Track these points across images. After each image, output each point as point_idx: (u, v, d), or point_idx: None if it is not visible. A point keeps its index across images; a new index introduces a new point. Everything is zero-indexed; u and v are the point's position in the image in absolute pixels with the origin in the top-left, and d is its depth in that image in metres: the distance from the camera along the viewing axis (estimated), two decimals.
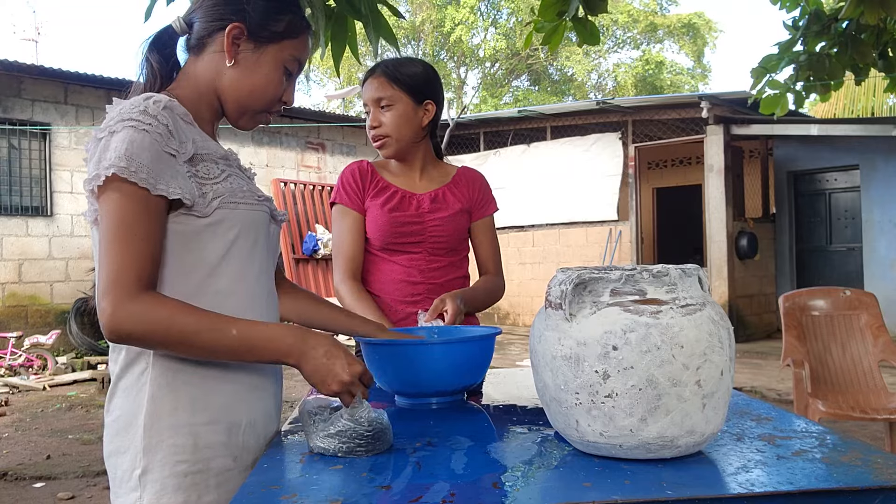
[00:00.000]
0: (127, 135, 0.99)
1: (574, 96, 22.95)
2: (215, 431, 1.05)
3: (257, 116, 1.19)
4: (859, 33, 3.73)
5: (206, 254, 1.07)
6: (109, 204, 0.98)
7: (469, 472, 0.92)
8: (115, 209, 0.98)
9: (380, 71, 1.76)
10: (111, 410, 1.07)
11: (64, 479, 3.94)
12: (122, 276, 0.95)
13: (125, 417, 1.04)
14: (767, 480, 0.82)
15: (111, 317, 0.94)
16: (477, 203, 1.88)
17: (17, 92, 8.29)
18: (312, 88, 25.55)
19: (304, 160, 11.06)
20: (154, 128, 1.01)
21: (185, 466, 1.02)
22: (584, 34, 3.13)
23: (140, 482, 1.01)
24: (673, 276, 0.92)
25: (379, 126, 1.76)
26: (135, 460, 1.02)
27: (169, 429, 1.02)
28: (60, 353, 8.24)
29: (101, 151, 1.00)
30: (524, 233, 10.87)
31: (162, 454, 1.02)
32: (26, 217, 8.40)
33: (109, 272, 0.96)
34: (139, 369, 1.04)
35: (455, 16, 21.45)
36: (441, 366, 1.30)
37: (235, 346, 1.00)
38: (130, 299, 0.95)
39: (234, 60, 1.13)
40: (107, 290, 0.95)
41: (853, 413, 3.21)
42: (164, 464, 1.02)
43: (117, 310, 0.94)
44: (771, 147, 10.06)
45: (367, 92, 1.77)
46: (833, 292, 3.75)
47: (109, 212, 0.98)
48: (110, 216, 0.98)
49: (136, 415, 1.03)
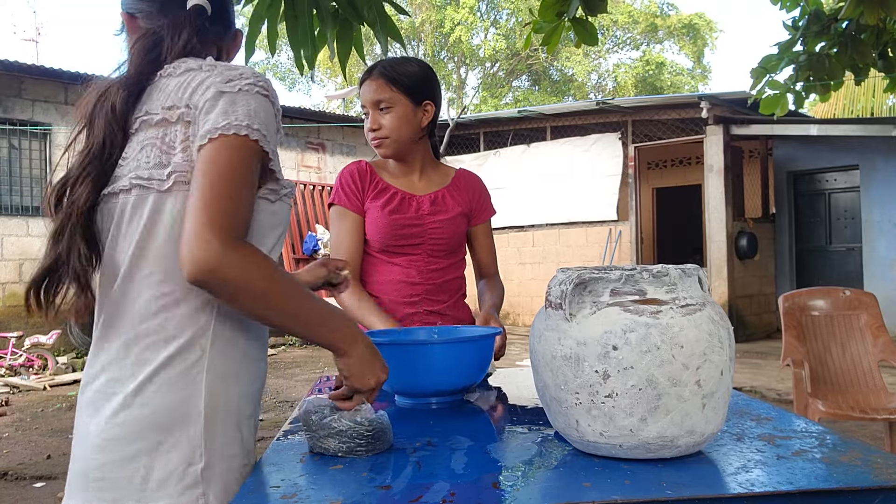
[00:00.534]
0: (258, 101, 0.98)
1: (574, 96, 22.94)
2: (251, 425, 1.04)
3: None
4: (859, 33, 3.73)
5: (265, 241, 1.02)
6: (231, 151, 0.93)
7: (469, 472, 0.92)
8: (237, 158, 0.93)
9: (377, 72, 1.74)
10: (142, 404, 0.95)
11: (64, 479, 3.93)
12: (232, 218, 0.89)
13: (172, 411, 0.95)
14: (767, 480, 0.83)
15: (215, 253, 0.86)
16: (477, 208, 1.90)
17: (17, 92, 8.30)
18: (312, 88, 25.54)
19: (304, 160, 11.06)
20: (276, 99, 1.01)
21: (238, 460, 0.99)
22: (583, 34, 3.13)
23: (202, 477, 0.95)
24: (673, 276, 0.92)
25: (379, 128, 1.76)
26: (192, 456, 0.94)
27: (226, 422, 0.98)
28: (61, 353, 8.25)
29: (228, 104, 0.96)
30: (524, 233, 10.87)
31: (219, 447, 0.97)
32: (26, 217, 8.41)
33: (220, 209, 0.89)
34: (193, 357, 0.96)
35: (454, 16, 21.46)
36: (441, 366, 1.30)
37: (314, 319, 0.97)
38: (237, 243, 0.88)
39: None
40: (216, 224, 0.87)
41: (853, 413, 3.21)
42: (223, 457, 0.97)
43: (224, 248, 0.86)
44: (771, 147, 10.06)
45: (365, 94, 1.77)
46: (833, 292, 3.75)
47: (230, 158, 0.93)
48: (230, 162, 0.92)
49: (191, 406, 0.95)
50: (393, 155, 1.80)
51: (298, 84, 25.11)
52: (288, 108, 10.85)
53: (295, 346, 9.77)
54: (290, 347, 9.69)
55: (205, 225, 0.87)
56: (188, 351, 0.96)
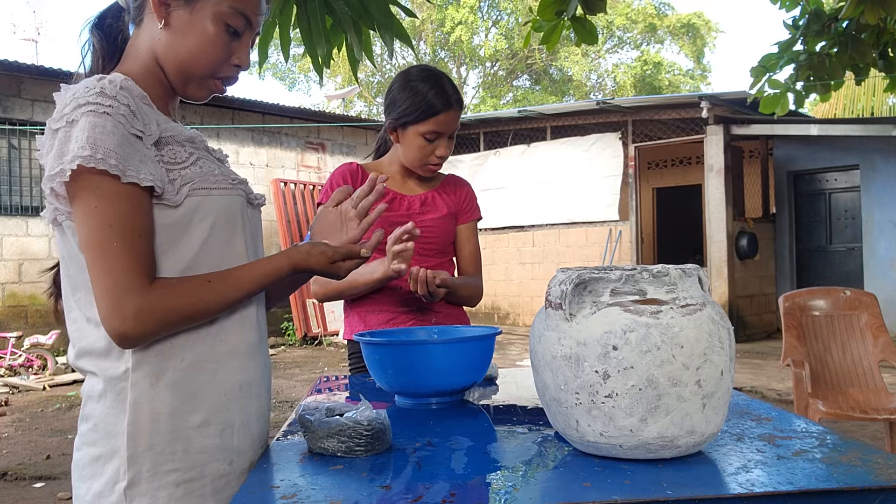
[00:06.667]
0: (87, 121, 0.89)
1: (574, 96, 22.95)
2: (207, 434, 0.98)
3: (205, 83, 1.07)
4: (859, 33, 3.73)
5: (181, 247, 0.98)
6: (84, 205, 0.90)
7: (469, 472, 0.91)
8: (93, 210, 0.90)
9: (457, 104, 1.75)
10: (86, 418, 0.98)
11: (64, 479, 3.94)
12: (130, 274, 0.90)
13: (104, 425, 0.95)
14: (767, 480, 0.82)
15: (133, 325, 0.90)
16: (463, 208, 1.92)
17: (17, 92, 8.30)
18: (312, 88, 25.52)
19: (304, 160, 11.06)
20: (115, 109, 0.91)
21: (176, 475, 0.95)
22: (582, 33, 3.14)
23: (125, 496, 0.93)
24: (673, 276, 0.92)
25: (447, 155, 1.79)
26: (117, 472, 0.93)
27: (156, 434, 0.94)
28: (60, 353, 8.24)
29: (62, 144, 0.90)
30: (524, 233, 10.87)
31: (149, 463, 0.94)
32: (26, 217, 8.40)
33: (111, 282, 0.89)
34: (119, 371, 0.95)
35: (455, 16, 21.46)
36: (441, 366, 1.30)
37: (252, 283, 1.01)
38: (146, 296, 0.91)
39: (164, 21, 1.01)
40: (118, 299, 0.89)
41: (853, 413, 3.21)
42: (152, 474, 0.94)
43: (138, 313, 0.90)
44: (771, 147, 10.06)
45: (447, 124, 1.74)
46: (833, 292, 3.75)
47: (87, 214, 0.90)
48: (91, 219, 0.90)
49: (116, 421, 0.94)
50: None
51: (298, 84, 25.13)
52: (288, 108, 10.85)
53: (295, 346, 9.77)
54: (289, 347, 9.69)
55: (111, 302, 0.90)
56: (114, 368, 0.96)
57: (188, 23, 1.02)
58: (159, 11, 1.01)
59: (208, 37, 1.02)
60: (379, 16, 2.39)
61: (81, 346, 0.99)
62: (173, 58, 1.03)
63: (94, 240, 0.90)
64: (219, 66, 1.05)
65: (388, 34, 2.41)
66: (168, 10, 1.01)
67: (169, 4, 1.01)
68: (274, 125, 10.51)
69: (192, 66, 1.04)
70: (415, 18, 3.68)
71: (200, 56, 1.03)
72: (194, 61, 1.03)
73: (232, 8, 1.03)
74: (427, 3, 20.41)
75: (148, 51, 1.04)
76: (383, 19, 2.39)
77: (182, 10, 1.01)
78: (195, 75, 1.05)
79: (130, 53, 1.06)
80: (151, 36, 1.03)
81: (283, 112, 10.68)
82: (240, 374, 1.04)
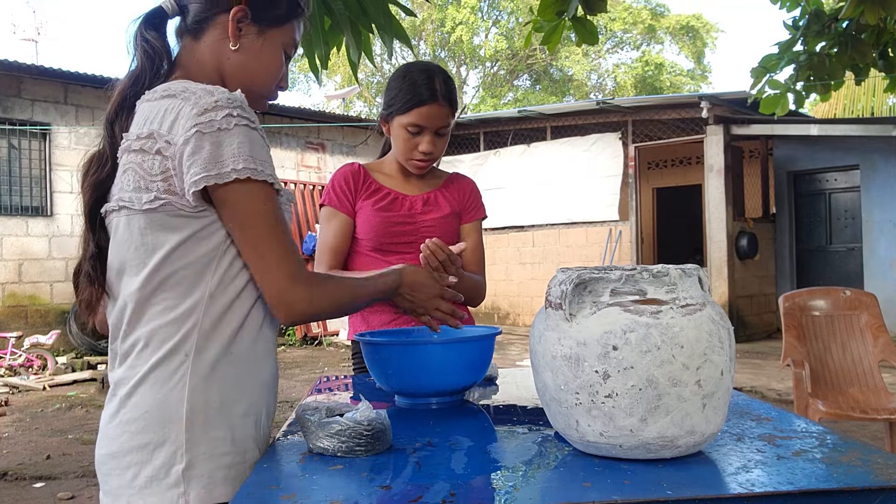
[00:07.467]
0: (244, 134, 1.00)
1: (574, 96, 22.94)
2: (247, 424, 1.06)
3: (259, 101, 1.19)
4: (859, 33, 3.74)
5: None
6: (251, 206, 1.01)
7: (469, 472, 0.92)
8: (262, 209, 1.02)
9: (443, 99, 1.70)
10: (134, 406, 1.02)
11: (64, 479, 3.94)
12: (299, 267, 1.03)
13: (157, 412, 1.00)
14: (767, 480, 0.82)
15: (310, 303, 1.04)
16: (467, 206, 1.90)
17: (17, 92, 8.30)
18: (312, 88, 25.52)
19: (304, 160, 11.07)
20: (257, 124, 1.03)
21: (228, 459, 1.02)
22: (583, 33, 3.14)
23: (184, 477, 0.99)
24: (673, 276, 0.92)
25: (432, 152, 1.76)
26: (174, 456, 0.99)
27: (210, 422, 1.01)
28: (60, 353, 8.25)
29: (214, 147, 0.98)
30: (524, 233, 10.87)
31: (205, 447, 1.01)
32: (26, 217, 8.41)
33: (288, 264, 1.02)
34: (177, 362, 1.01)
35: (456, 16, 21.46)
36: (441, 366, 1.30)
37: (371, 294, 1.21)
38: (315, 283, 1.05)
39: (238, 45, 1.12)
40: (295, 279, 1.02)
41: (853, 413, 3.21)
42: (208, 457, 1.01)
43: (313, 295, 1.04)
44: (771, 147, 10.06)
45: (429, 118, 1.70)
46: (833, 292, 3.75)
47: (256, 213, 1.01)
48: (260, 217, 1.01)
49: (174, 409, 1.00)
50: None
51: (298, 84, 25.13)
52: (288, 108, 10.85)
53: (295, 346, 9.76)
54: (289, 347, 9.69)
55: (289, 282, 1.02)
56: (173, 355, 1.02)
57: (259, 48, 1.14)
58: (235, 35, 1.12)
59: (275, 62, 1.17)
60: (377, 16, 2.38)
61: (134, 336, 1.04)
62: (242, 76, 1.14)
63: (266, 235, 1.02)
64: (274, 87, 1.20)
65: (387, 34, 2.41)
66: (241, 35, 1.13)
67: (242, 30, 1.12)
68: (274, 125, 10.51)
69: (258, 86, 1.17)
70: (414, 18, 3.68)
71: (267, 77, 1.17)
72: (261, 81, 1.17)
73: (292, 39, 1.19)
74: (427, 3, 20.42)
75: (213, 66, 1.13)
76: (382, 20, 2.39)
77: (254, 36, 1.14)
78: (256, 93, 1.17)
79: (192, 64, 1.13)
80: (219, 53, 1.13)
81: (282, 112, 10.68)
82: (269, 370, 1.13)
